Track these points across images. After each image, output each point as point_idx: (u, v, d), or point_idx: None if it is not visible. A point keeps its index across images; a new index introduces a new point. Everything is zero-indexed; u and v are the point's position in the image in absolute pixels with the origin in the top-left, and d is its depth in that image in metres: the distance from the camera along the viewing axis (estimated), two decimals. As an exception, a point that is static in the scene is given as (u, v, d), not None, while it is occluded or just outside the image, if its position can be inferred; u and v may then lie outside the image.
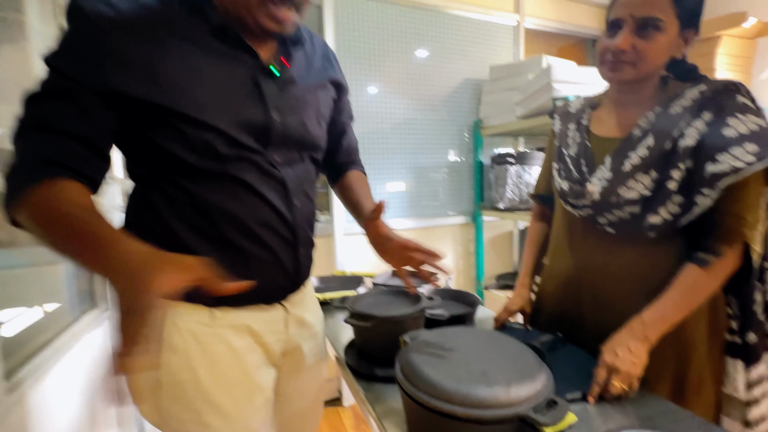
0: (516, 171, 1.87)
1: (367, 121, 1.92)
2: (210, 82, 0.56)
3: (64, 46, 0.51)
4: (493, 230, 2.32)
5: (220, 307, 0.62)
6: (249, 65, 0.60)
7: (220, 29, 0.57)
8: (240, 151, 0.59)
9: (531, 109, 1.68)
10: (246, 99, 0.59)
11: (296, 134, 0.65)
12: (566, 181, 0.82)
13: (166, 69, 0.53)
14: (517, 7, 2.25)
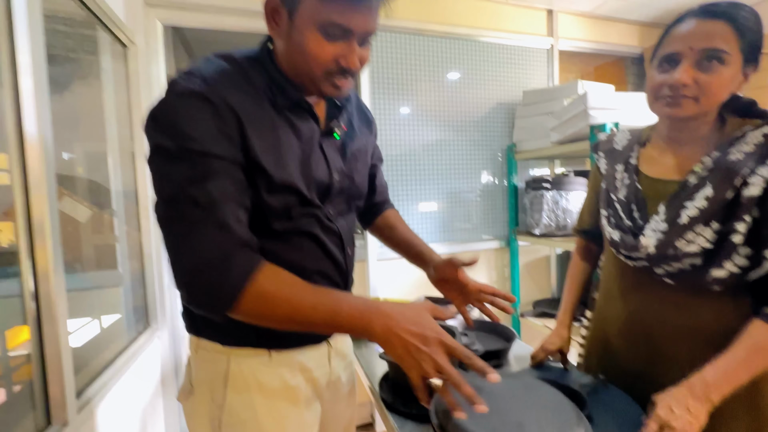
0: (552, 196, 1.83)
1: (401, 144, 1.98)
2: (292, 150, 0.60)
3: (201, 130, 0.52)
4: (529, 254, 2.26)
5: (278, 349, 0.66)
6: (315, 131, 0.65)
7: (296, 103, 0.62)
8: (308, 209, 0.64)
9: (567, 135, 1.65)
10: (316, 162, 0.64)
11: (348, 189, 0.71)
12: (617, 231, 0.77)
13: (267, 141, 0.58)
14: (550, 30, 2.25)
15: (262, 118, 0.58)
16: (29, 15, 0.85)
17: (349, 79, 0.61)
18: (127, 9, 1.52)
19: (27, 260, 0.86)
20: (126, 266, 1.56)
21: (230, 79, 0.57)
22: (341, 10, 0.54)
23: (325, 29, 0.55)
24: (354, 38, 0.57)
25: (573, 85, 1.79)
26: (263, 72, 0.61)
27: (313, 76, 0.59)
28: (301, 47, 0.56)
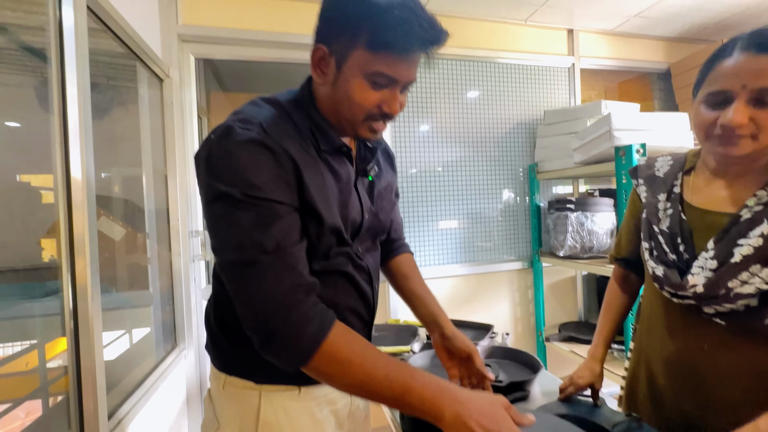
0: (576, 218, 1.79)
1: (421, 163, 1.99)
2: (334, 193, 0.63)
3: (264, 178, 0.54)
4: (553, 275, 2.20)
5: (308, 385, 0.67)
6: (352, 173, 0.68)
7: (338, 148, 0.65)
8: (342, 248, 0.65)
9: (591, 156, 1.62)
10: (353, 204, 0.66)
11: (376, 227, 0.73)
12: (660, 266, 0.72)
13: (317, 185, 0.59)
14: (571, 50, 2.24)
15: (311, 163, 0.60)
16: (77, 51, 0.93)
17: (386, 123, 0.64)
18: (163, 45, 1.63)
19: (67, 275, 0.92)
20: (156, 285, 1.63)
21: (283, 126, 0.59)
22: (390, 62, 0.56)
23: (372, 79, 0.57)
24: (398, 87, 0.60)
25: (596, 105, 1.76)
26: (305, 116, 0.63)
27: (355, 120, 0.61)
28: (347, 93, 0.59)
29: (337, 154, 0.65)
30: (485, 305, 2.08)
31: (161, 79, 1.63)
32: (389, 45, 0.55)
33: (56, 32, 0.92)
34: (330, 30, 0.59)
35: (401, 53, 0.56)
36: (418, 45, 0.56)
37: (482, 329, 1.62)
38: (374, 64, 0.56)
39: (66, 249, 0.92)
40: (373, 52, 0.56)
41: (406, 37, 0.54)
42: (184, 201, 1.70)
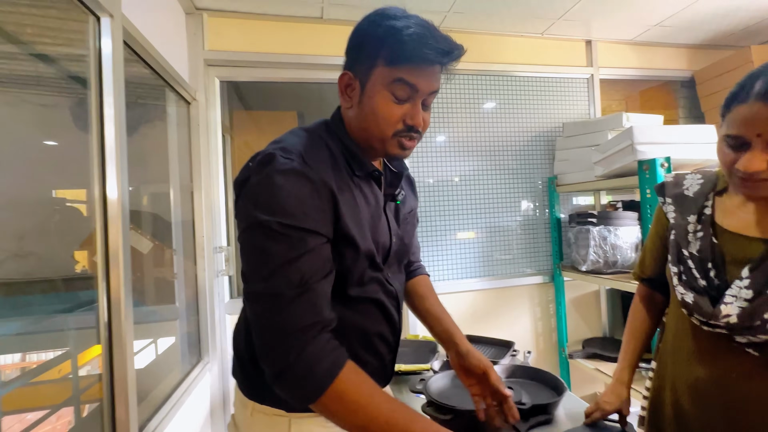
0: (599, 232, 1.75)
1: (439, 175, 2.00)
2: (367, 216, 0.65)
3: (303, 208, 0.55)
4: (576, 289, 2.15)
5: None
6: (381, 198, 0.70)
7: (371, 173, 0.68)
8: (375, 273, 0.67)
9: (612, 170, 1.60)
10: (383, 228, 0.69)
11: (401, 251, 0.75)
12: (690, 292, 0.69)
13: (352, 212, 0.61)
14: (589, 60, 2.21)
15: (347, 190, 0.62)
16: (114, 77, 1.01)
17: (414, 140, 0.65)
18: (190, 69, 1.71)
19: (103, 286, 0.98)
20: (182, 299, 1.69)
21: (321, 156, 0.61)
22: (409, 72, 0.59)
23: (393, 89, 0.60)
24: (419, 98, 0.62)
25: (617, 118, 1.73)
26: (338, 142, 0.66)
27: (384, 136, 0.63)
28: (373, 110, 0.61)
29: (368, 178, 0.67)
30: (505, 320, 2.05)
31: (188, 102, 1.70)
32: (407, 57, 0.58)
33: (96, 61, 1.00)
34: (354, 56, 0.64)
35: (418, 63, 0.59)
36: (433, 56, 0.58)
37: (503, 346, 1.60)
38: (395, 75, 0.59)
39: (102, 261, 0.98)
40: (393, 66, 0.59)
41: (421, 49, 0.57)
42: (209, 217, 1.76)
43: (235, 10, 1.75)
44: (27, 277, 2.26)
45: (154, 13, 1.39)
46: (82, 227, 1.66)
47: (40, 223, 2.17)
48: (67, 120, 2.12)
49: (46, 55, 1.63)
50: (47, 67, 1.77)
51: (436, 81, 0.63)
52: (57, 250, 2.14)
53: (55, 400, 2.24)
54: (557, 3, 1.81)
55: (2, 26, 1.35)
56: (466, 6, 1.80)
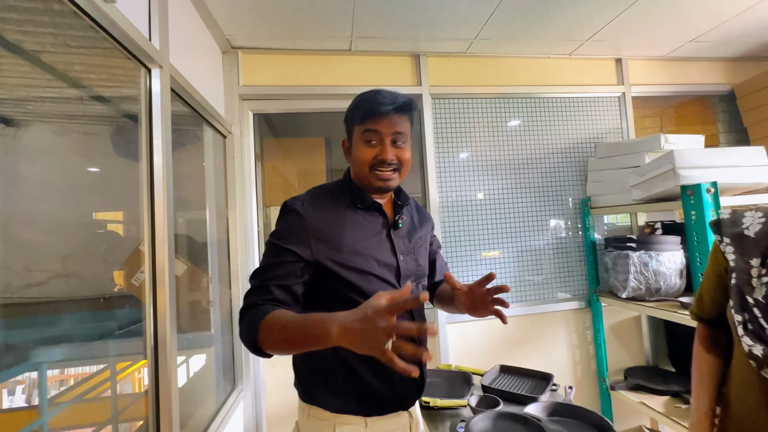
0: (639, 257, 1.68)
1: (465, 195, 1.98)
2: (366, 243, 0.84)
3: (289, 233, 0.79)
4: (614, 315, 2.06)
5: (372, 416, 0.83)
6: (383, 224, 0.89)
7: (370, 205, 0.88)
8: (384, 288, 0.82)
9: (653, 194, 1.54)
10: (385, 249, 0.86)
11: (415, 270, 0.91)
12: (759, 344, 0.66)
13: (343, 242, 0.81)
14: (620, 79, 2.17)
15: (342, 220, 0.83)
16: (162, 115, 1.10)
17: (388, 171, 0.84)
18: (226, 105, 1.79)
19: (150, 304, 1.05)
20: (217, 326, 1.72)
21: (321, 200, 0.85)
22: (371, 123, 0.83)
23: (365, 138, 0.83)
24: (385, 138, 0.83)
25: (654, 140, 1.68)
26: (346, 190, 0.89)
27: (364, 173, 0.84)
28: (355, 156, 0.86)
29: (370, 209, 0.88)
30: (540, 348, 1.98)
31: (224, 136, 1.78)
32: (367, 113, 0.82)
33: (146, 102, 1.10)
34: (346, 127, 0.90)
35: (375, 116, 0.82)
36: (381, 107, 0.81)
37: (541, 379, 1.54)
38: (363, 127, 0.83)
39: (149, 281, 1.06)
40: (361, 122, 0.84)
41: (374, 105, 0.82)
42: (243, 242, 1.81)
43: (269, 47, 1.83)
44: (70, 296, 2.38)
45: (196, 55, 1.47)
46: (120, 248, 1.74)
47: (82, 244, 2.30)
48: (107, 147, 2.26)
49: (102, 96, 1.77)
50: (100, 104, 1.91)
51: (396, 125, 0.83)
52: (97, 270, 2.26)
53: (95, 419, 2.32)
54: (585, 26, 1.79)
55: (68, 72, 1.49)
56: (493, 33, 1.81)
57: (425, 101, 1.96)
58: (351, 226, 0.83)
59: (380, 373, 0.82)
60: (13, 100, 1.98)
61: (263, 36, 1.74)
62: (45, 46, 1.40)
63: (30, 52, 1.44)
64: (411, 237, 0.92)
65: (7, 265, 2.23)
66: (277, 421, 1.81)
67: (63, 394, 2.44)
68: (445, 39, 1.85)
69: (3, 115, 2.15)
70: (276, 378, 1.83)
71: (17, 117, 2.15)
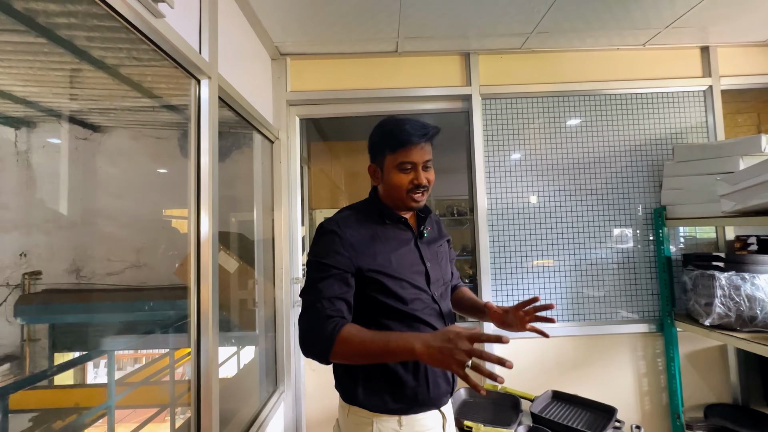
0: (728, 279, 1.43)
1: (517, 200, 1.84)
2: (398, 253, 0.92)
3: (330, 250, 0.87)
4: (692, 342, 1.79)
5: (406, 414, 0.89)
6: (410, 235, 0.98)
7: (398, 220, 0.97)
8: (417, 293, 0.91)
9: (750, 206, 1.30)
10: (412, 256, 0.95)
11: (439, 275, 0.98)
12: None
13: (377, 254, 0.90)
14: (706, 70, 1.88)
15: (374, 237, 0.92)
16: (210, 122, 1.13)
17: (423, 193, 0.93)
18: (274, 111, 1.83)
19: (194, 297, 1.10)
20: (261, 327, 1.76)
21: (350, 220, 0.93)
22: (405, 153, 0.90)
23: (400, 168, 0.91)
24: (418, 167, 0.91)
25: (753, 141, 1.42)
26: (375, 208, 0.97)
27: (402, 197, 0.93)
28: (391, 183, 0.93)
29: (398, 223, 0.97)
30: (599, 374, 1.78)
31: (272, 141, 1.82)
32: (400, 144, 0.90)
33: (195, 110, 1.13)
34: (374, 153, 0.97)
35: (407, 145, 0.90)
36: (414, 138, 0.89)
37: (602, 412, 1.37)
38: (397, 158, 0.91)
39: (194, 275, 1.11)
40: (394, 152, 0.91)
41: (407, 137, 0.89)
42: (287, 246, 1.84)
43: (316, 52, 1.84)
44: (142, 284, 2.61)
45: (245, 63, 1.51)
46: (184, 243, 1.86)
47: (152, 239, 2.51)
48: (174, 150, 2.44)
49: (169, 104, 1.90)
50: (168, 112, 2.06)
51: (426, 153, 0.92)
52: (164, 262, 2.45)
53: (157, 401, 2.50)
54: (666, 11, 1.57)
55: (142, 83, 1.62)
56: (552, 25, 1.65)
57: (475, 102, 1.85)
58: (383, 239, 0.93)
59: (413, 374, 0.89)
60: (99, 110, 2.20)
61: (311, 42, 1.74)
62: (122, 60, 1.53)
63: (111, 66, 1.58)
64: (432, 245, 1.01)
65: (92, 255, 2.50)
66: (315, 424, 1.82)
67: (130, 375, 2.68)
68: (497, 35, 1.73)
69: (92, 123, 2.41)
70: (316, 381, 1.84)
71: (103, 124, 2.40)
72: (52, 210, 2.20)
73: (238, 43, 1.42)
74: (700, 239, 1.88)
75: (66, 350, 2.32)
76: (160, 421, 2.39)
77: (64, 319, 2.27)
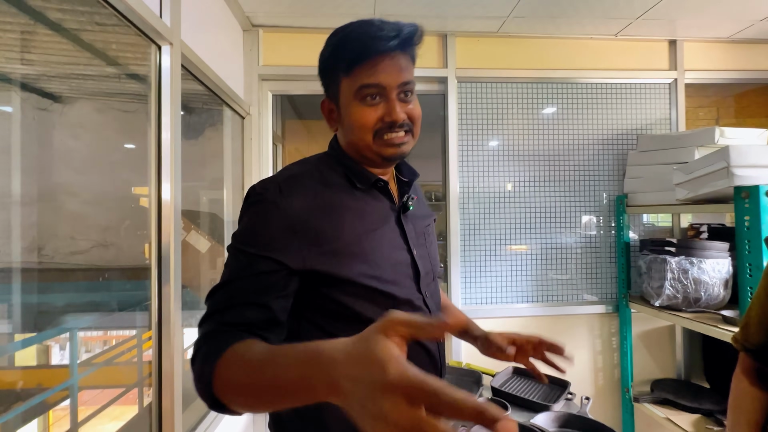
0: (678, 263, 1.52)
1: (488, 186, 1.88)
2: (374, 236, 0.61)
3: (260, 232, 0.56)
4: (645, 323, 1.91)
5: None
6: (389, 208, 0.67)
7: (374, 184, 0.65)
8: (402, 298, 0.62)
9: (700, 194, 1.37)
10: (397, 241, 0.65)
11: (429, 266, 0.70)
12: None
13: (343, 237, 0.58)
14: (672, 63, 1.94)
15: (330, 210, 0.59)
16: (172, 94, 1.08)
17: (400, 132, 0.61)
18: (246, 85, 1.77)
19: (155, 277, 1.07)
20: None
21: (298, 182, 0.60)
22: (367, 73, 0.58)
23: (361, 96, 0.59)
24: (390, 93, 0.60)
25: (707, 133, 1.49)
26: (338, 165, 0.65)
27: (367, 141, 0.61)
28: (350, 122, 0.61)
29: (372, 188, 0.65)
30: (560, 352, 1.87)
31: (242, 117, 1.76)
32: (357, 58, 0.58)
33: (156, 80, 1.08)
34: (323, 82, 0.66)
35: (370, 57, 0.58)
36: (381, 44, 0.57)
37: (556, 386, 1.45)
38: (356, 81, 0.59)
39: (155, 255, 1.07)
40: (350, 73, 0.59)
41: (367, 44, 0.57)
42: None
43: (290, 25, 1.78)
44: (108, 264, 2.52)
45: (213, 33, 1.44)
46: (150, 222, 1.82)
47: (119, 217, 2.42)
48: (144, 124, 2.34)
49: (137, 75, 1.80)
50: (136, 83, 1.95)
51: (402, 71, 0.60)
52: (131, 242, 2.37)
53: (123, 382, 2.46)
54: (636, 1, 1.60)
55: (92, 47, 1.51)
56: (528, 10, 1.66)
57: (450, 84, 1.85)
58: (352, 215, 0.60)
59: None
60: (59, 78, 2.06)
61: (284, 13, 1.68)
62: (83, 24, 1.43)
63: (70, 30, 1.48)
64: (419, 223, 0.71)
65: (54, 233, 2.38)
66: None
67: (97, 357, 2.61)
68: (474, 17, 1.72)
69: (51, 92, 2.26)
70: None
71: (64, 94, 2.25)
72: (7, 184, 2.08)
73: (205, 9, 1.35)
74: (659, 227, 1.98)
75: (28, 331, 2.24)
76: (131, 403, 2.37)
77: (26, 298, 2.18)
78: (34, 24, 1.44)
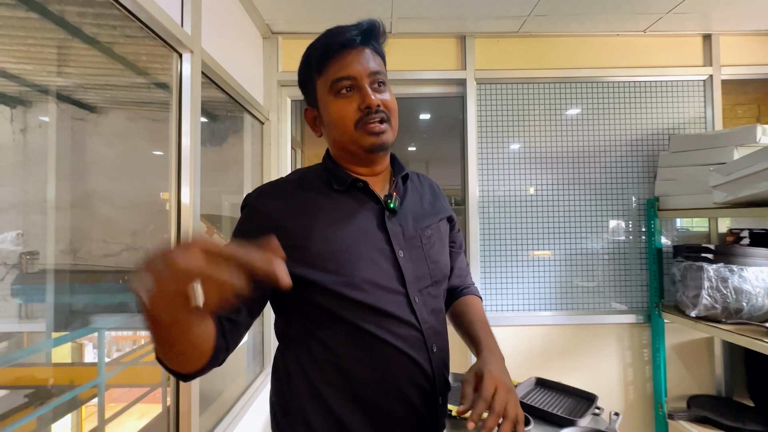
0: (717, 271, 1.42)
1: (509, 189, 1.82)
2: (346, 233, 0.62)
3: (238, 231, 0.63)
4: (680, 334, 1.79)
5: None
6: (371, 208, 0.66)
7: (352, 183, 0.66)
8: (384, 296, 0.61)
9: (741, 197, 1.28)
10: (379, 242, 0.64)
11: (424, 268, 0.67)
12: None
13: (314, 235, 0.60)
14: (707, 59, 1.84)
15: (303, 211, 0.63)
16: (192, 101, 1.12)
17: (377, 119, 0.63)
18: (265, 91, 1.80)
19: None
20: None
21: (280, 187, 0.66)
22: (336, 67, 0.63)
23: (335, 90, 0.63)
24: (362, 82, 0.63)
25: (748, 131, 1.39)
26: (323, 169, 0.69)
27: (349, 133, 0.63)
28: (330, 119, 0.65)
29: (352, 189, 0.66)
30: (586, 363, 1.78)
31: (262, 123, 1.79)
32: (324, 55, 0.63)
33: (177, 87, 1.11)
34: (303, 92, 0.70)
35: (337, 52, 0.63)
36: (344, 39, 0.62)
37: (583, 399, 1.38)
38: (328, 79, 0.63)
39: None
40: (322, 71, 0.64)
41: (331, 42, 0.63)
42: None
43: (309, 31, 1.80)
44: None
45: (234, 41, 1.47)
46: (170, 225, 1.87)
47: (148, 221, 2.52)
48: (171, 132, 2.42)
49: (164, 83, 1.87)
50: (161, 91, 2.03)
51: (370, 61, 0.64)
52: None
53: (150, 381, 2.54)
54: (667, -5, 1.52)
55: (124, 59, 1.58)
56: (550, 8, 1.61)
57: (469, 86, 1.81)
58: (325, 215, 0.62)
59: (367, 413, 0.61)
60: (95, 89, 2.17)
61: (303, 20, 1.70)
62: (116, 37, 1.50)
63: (104, 43, 1.55)
64: (418, 223, 0.69)
65: (89, 236, 2.51)
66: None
67: (125, 356, 2.71)
68: (494, 17, 1.68)
69: (88, 103, 2.38)
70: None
71: (99, 104, 2.37)
72: (48, 191, 2.20)
73: (225, 18, 1.39)
74: (694, 232, 1.86)
75: (62, 330, 2.34)
76: (156, 402, 2.44)
77: (61, 299, 2.29)
78: (72, 39, 1.52)
